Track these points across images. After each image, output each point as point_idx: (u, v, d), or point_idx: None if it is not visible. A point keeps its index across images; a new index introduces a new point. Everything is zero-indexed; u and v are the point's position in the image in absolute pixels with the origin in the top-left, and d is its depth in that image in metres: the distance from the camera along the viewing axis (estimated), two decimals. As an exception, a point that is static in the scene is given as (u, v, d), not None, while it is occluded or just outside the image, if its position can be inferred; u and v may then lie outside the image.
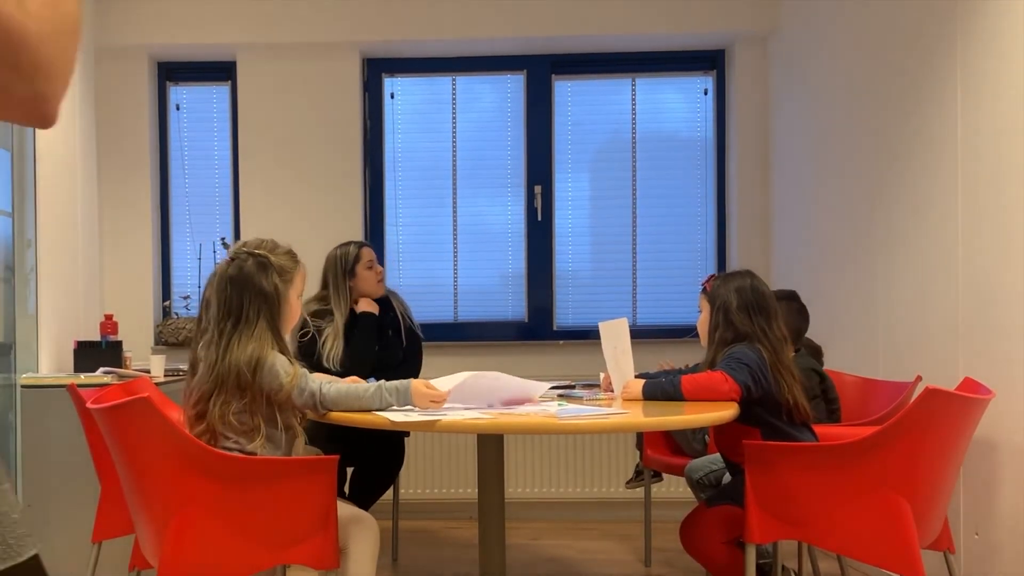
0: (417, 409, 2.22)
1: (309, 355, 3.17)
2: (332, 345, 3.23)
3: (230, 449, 2.18)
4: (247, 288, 2.23)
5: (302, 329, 3.23)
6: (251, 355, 2.18)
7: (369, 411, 2.21)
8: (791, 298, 3.05)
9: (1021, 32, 2.52)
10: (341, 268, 3.36)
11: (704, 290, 2.76)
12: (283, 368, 2.20)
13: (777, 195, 4.34)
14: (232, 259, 2.28)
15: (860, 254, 3.46)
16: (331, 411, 2.24)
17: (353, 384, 2.33)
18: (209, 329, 2.25)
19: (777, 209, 4.34)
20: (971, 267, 2.76)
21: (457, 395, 2.31)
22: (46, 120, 0.85)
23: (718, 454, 3.07)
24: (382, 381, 2.29)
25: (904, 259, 3.14)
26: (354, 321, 3.34)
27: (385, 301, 3.46)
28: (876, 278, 3.34)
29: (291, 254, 2.34)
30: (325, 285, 3.39)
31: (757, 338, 2.44)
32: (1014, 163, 2.55)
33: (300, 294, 2.39)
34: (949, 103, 2.86)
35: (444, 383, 2.35)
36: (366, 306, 3.38)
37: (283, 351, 2.26)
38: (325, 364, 3.16)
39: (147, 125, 4.45)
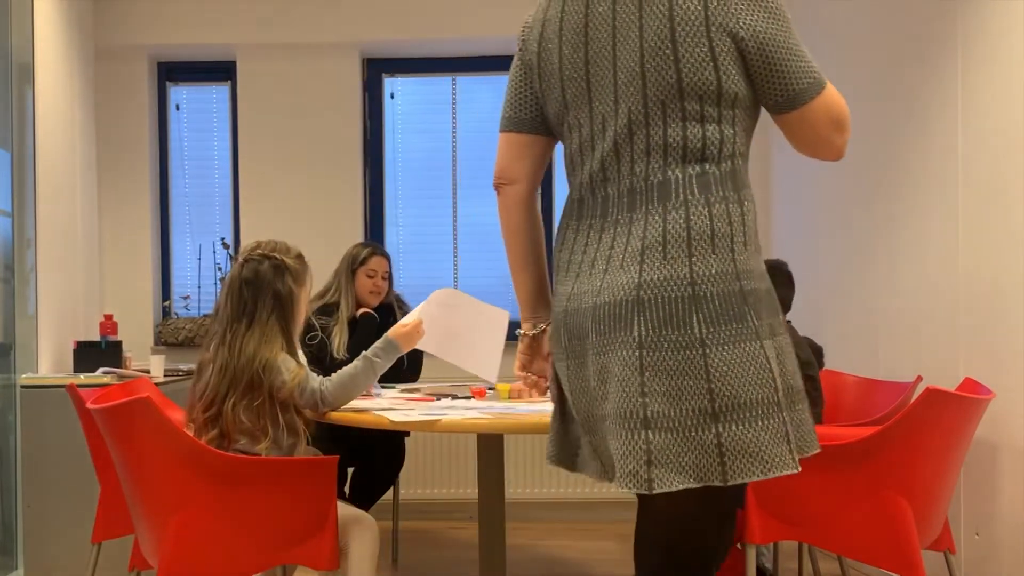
0: (413, 389, 2.26)
1: (320, 360, 3.20)
2: (339, 336, 3.31)
3: (237, 451, 2.19)
4: (263, 291, 2.25)
5: (310, 332, 3.26)
6: (261, 355, 2.20)
7: (369, 388, 2.39)
8: (780, 268, 3.02)
9: (1022, 32, 2.52)
10: (348, 264, 3.46)
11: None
12: (286, 366, 2.22)
13: (777, 195, 4.34)
14: (246, 261, 2.29)
15: (860, 254, 3.46)
16: (334, 407, 2.28)
17: (342, 370, 2.35)
18: (219, 332, 2.25)
19: (777, 209, 4.34)
20: (971, 267, 2.75)
21: (429, 328, 2.51)
22: (842, 156, 1.45)
23: None
24: (364, 351, 2.38)
25: (904, 259, 3.14)
26: (355, 321, 3.38)
27: (388, 308, 3.48)
28: (876, 278, 3.33)
29: (301, 257, 2.38)
30: (337, 275, 3.46)
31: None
32: (1015, 163, 2.55)
33: (309, 296, 2.44)
34: (950, 103, 2.86)
35: (410, 316, 2.55)
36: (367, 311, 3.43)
37: (292, 353, 2.28)
38: (336, 356, 3.22)
39: (147, 125, 4.45)
